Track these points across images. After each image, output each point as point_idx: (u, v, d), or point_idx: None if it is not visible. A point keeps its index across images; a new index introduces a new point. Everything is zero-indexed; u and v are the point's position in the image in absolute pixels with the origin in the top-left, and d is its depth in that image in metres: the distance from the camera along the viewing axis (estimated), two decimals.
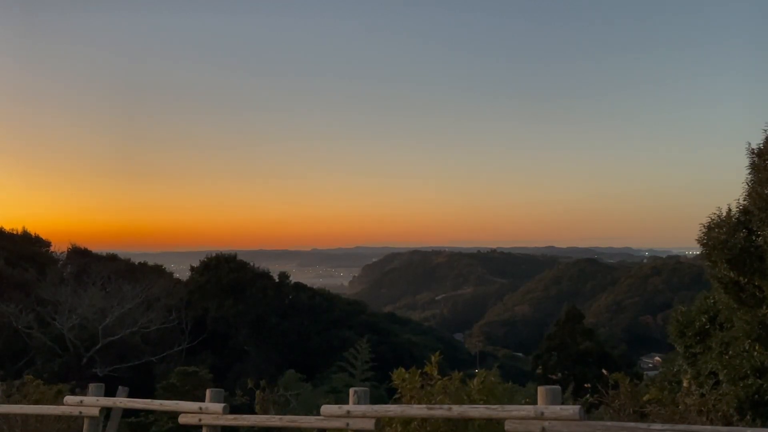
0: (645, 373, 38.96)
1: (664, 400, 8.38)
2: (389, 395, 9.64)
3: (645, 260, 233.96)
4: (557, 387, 6.34)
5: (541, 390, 6.25)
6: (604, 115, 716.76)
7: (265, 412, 12.03)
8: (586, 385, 9.98)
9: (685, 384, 8.97)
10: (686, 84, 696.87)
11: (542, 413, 5.94)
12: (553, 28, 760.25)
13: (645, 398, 8.58)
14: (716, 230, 9.83)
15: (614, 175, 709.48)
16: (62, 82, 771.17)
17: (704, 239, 9.95)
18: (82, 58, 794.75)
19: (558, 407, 5.97)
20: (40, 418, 11.23)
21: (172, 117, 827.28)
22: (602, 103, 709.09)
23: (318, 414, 7.55)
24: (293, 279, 56.20)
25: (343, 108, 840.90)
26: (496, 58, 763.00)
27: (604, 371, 9.57)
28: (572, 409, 5.85)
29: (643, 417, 8.41)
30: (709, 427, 6.47)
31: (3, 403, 10.55)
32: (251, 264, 48.68)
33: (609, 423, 5.88)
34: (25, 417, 11.26)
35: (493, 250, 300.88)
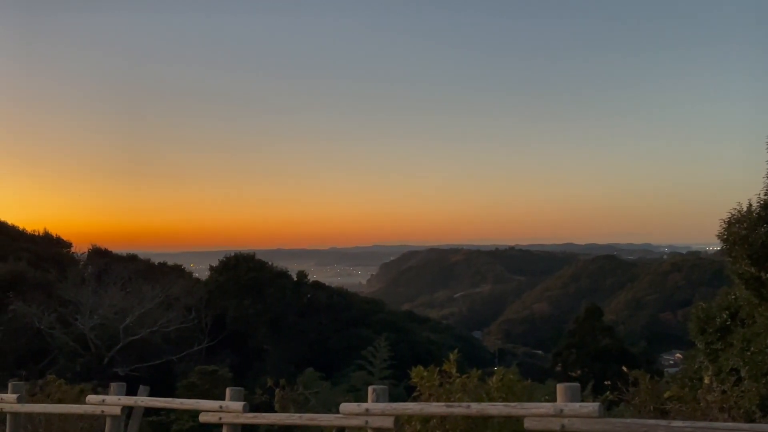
0: (665, 370, 38.68)
1: (685, 397, 8.31)
2: (408, 393, 9.63)
3: (665, 256, 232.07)
4: (577, 384, 6.31)
5: (560, 387, 6.22)
6: (624, 110, 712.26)
7: (285, 410, 12.09)
8: (605, 383, 9.94)
9: (706, 381, 8.88)
10: (708, 79, 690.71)
11: (562, 410, 5.92)
12: (569, 24, 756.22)
13: (666, 395, 8.51)
14: (737, 226, 9.74)
15: (634, 171, 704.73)
16: (76, 85, 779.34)
17: (725, 235, 9.87)
18: (94, 60, 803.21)
19: (577, 404, 5.94)
20: (62, 417, 11.35)
21: (189, 117, 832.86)
22: (622, 98, 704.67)
23: (337, 412, 7.57)
24: (311, 278, 56.44)
25: (360, 107, 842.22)
26: (511, 55, 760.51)
27: (624, 368, 9.51)
28: (592, 407, 5.82)
29: (663, 414, 8.35)
30: (730, 424, 6.40)
31: (26, 402, 10.65)
32: (270, 263, 48.88)
33: (629, 420, 5.84)
34: (48, 416, 11.39)
35: (511, 248, 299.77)
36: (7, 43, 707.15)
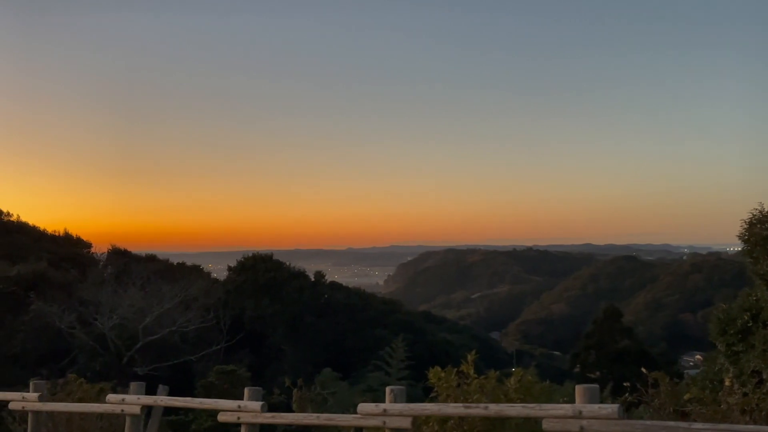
0: (685, 371, 38.34)
1: (705, 399, 8.23)
2: (425, 394, 9.63)
3: (685, 257, 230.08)
4: (595, 386, 6.28)
5: (579, 389, 6.20)
6: (642, 109, 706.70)
7: (303, 410, 12.12)
8: (625, 384, 9.85)
9: (727, 383, 8.78)
10: (727, 78, 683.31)
11: (580, 412, 5.89)
12: (585, 22, 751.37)
13: (686, 397, 8.44)
14: (758, 226, 9.65)
15: (654, 171, 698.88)
16: (94, 85, 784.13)
17: (746, 235, 9.78)
18: (111, 60, 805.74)
19: (596, 406, 5.91)
20: (83, 415, 11.45)
21: (207, 118, 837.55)
22: (639, 97, 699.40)
23: (355, 412, 7.59)
24: (328, 278, 56.58)
25: (376, 107, 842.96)
26: (527, 53, 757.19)
27: (643, 369, 9.42)
28: (611, 408, 5.80)
29: (683, 416, 8.28)
30: (752, 427, 6.35)
31: (48, 401, 10.77)
32: (287, 263, 49.06)
33: (649, 422, 5.81)
34: (69, 415, 11.49)
35: (529, 248, 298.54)
36: (22, 42, 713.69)
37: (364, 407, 7.44)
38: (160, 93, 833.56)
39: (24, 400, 10.57)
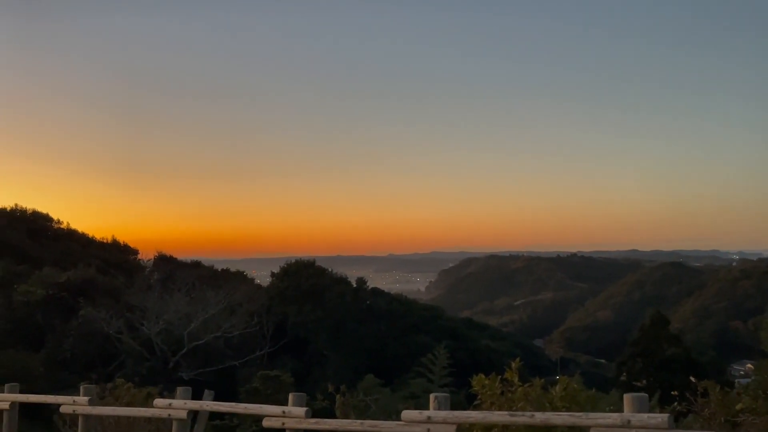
0: (736, 381, 37.35)
1: (758, 409, 8.03)
2: (468, 401, 9.56)
3: (734, 263, 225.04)
4: (644, 394, 6.17)
5: (627, 397, 6.09)
6: (690, 112, 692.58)
7: (346, 416, 12.16)
8: (673, 393, 9.65)
9: None
10: None
11: (629, 421, 5.79)
12: (639, 26, 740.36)
13: (737, 407, 8.24)
14: None
15: (700, 175, 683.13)
16: (137, 92, 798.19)
17: None
18: (147, 63, 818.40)
19: (645, 415, 5.81)
20: (131, 419, 11.65)
21: (254, 124, 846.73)
22: (686, 100, 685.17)
23: (397, 419, 7.57)
24: (370, 284, 56.69)
25: (418, 113, 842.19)
26: (575, 62, 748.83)
27: (692, 378, 9.24)
28: (661, 418, 5.69)
29: (735, 427, 8.09)
30: None
31: (97, 405, 10.99)
32: (329, 270, 49.35)
33: None
34: (117, 418, 11.71)
35: (573, 254, 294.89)
36: (52, 43, 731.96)
37: (407, 414, 7.42)
38: (204, 101, 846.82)
39: (75, 403, 10.81)
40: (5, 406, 11.87)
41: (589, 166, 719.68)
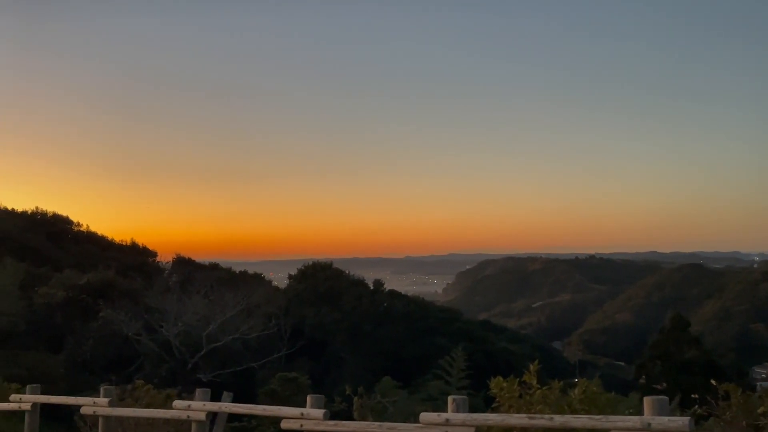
0: (758, 384, 37.05)
1: None
2: (486, 404, 9.53)
3: (755, 265, 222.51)
4: (665, 397, 6.13)
5: (647, 400, 6.05)
6: (708, 112, 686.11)
7: (364, 418, 12.16)
8: (693, 396, 9.58)
9: None
10: None
11: (649, 425, 5.76)
12: (661, 25, 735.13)
13: (759, 410, 8.16)
14: None
15: (720, 175, 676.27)
16: (147, 92, 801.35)
17: None
18: (162, 65, 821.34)
19: (666, 418, 5.77)
20: (150, 421, 11.74)
21: (270, 127, 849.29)
22: (706, 101, 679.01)
23: (416, 421, 7.57)
24: (387, 286, 56.71)
25: (434, 115, 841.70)
26: (595, 61, 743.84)
27: (712, 381, 9.16)
28: (681, 421, 5.65)
29: (757, 431, 8.01)
30: None
31: (117, 406, 11.09)
32: (346, 272, 49.47)
33: None
34: (137, 420, 11.80)
35: (592, 256, 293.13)
36: (70, 43, 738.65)
37: (426, 416, 7.41)
38: (219, 102, 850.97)
39: (95, 405, 10.92)
40: (27, 407, 12.02)
41: (608, 167, 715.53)
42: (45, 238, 52.01)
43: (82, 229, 59.30)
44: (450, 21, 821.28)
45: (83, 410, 11.22)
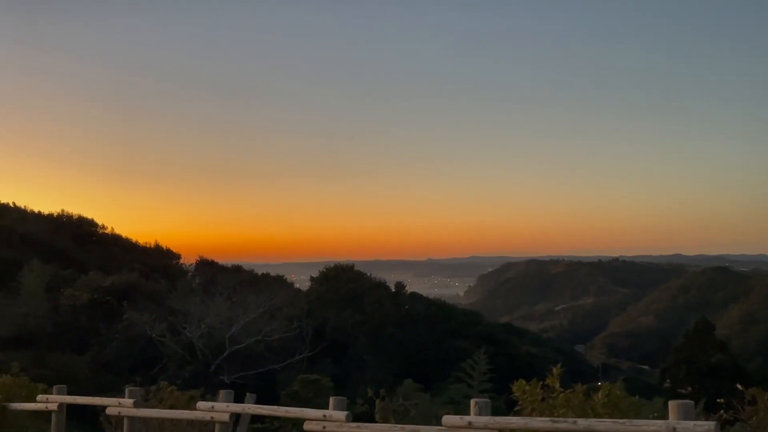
0: None
1: None
2: (508, 407, 9.50)
3: None
4: (690, 402, 6.07)
5: (672, 404, 6.00)
6: (735, 114, 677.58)
7: (386, 421, 12.14)
8: (719, 401, 9.46)
9: None
10: None
11: (674, 429, 5.70)
12: (693, 27, 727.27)
13: None
14: None
15: (746, 177, 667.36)
16: (165, 95, 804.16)
17: None
18: (189, 69, 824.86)
19: (691, 423, 5.71)
20: (174, 422, 11.82)
21: (291, 130, 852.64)
22: (734, 103, 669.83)
23: (438, 424, 7.56)
24: (409, 289, 56.65)
25: (458, 117, 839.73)
26: (619, 67, 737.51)
27: (738, 386, 9.04)
28: (707, 426, 5.59)
29: None
30: None
31: (141, 407, 11.20)
32: (368, 274, 49.45)
33: None
34: (161, 420, 11.90)
35: (615, 259, 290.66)
36: (80, 45, 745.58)
37: (448, 419, 7.40)
38: (239, 104, 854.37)
39: (120, 405, 11.03)
40: (54, 407, 12.20)
41: (632, 169, 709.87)
42: (70, 240, 52.68)
43: (106, 231, 60.00)
44: (470, 23, 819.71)
45: (108, 411, 11.34)
